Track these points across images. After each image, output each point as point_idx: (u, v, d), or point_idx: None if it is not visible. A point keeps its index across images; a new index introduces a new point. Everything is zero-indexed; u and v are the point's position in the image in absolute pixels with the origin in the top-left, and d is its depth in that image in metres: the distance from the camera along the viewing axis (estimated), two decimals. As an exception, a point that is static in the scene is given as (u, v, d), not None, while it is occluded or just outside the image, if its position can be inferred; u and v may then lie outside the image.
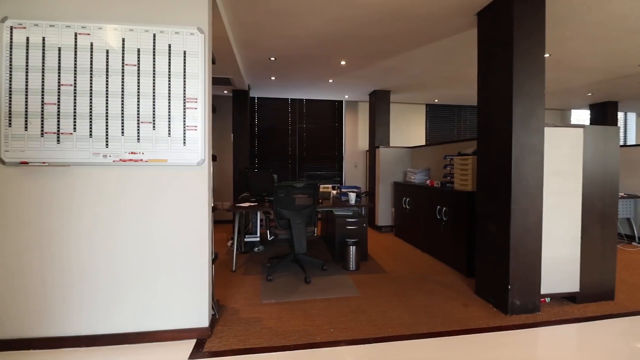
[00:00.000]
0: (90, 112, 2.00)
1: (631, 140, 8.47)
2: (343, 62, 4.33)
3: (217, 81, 4.77)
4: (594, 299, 2.62)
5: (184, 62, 2.10)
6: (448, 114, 7.37)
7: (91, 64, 2.00)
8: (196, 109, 2.11)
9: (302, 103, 6.67)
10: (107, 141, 2.02)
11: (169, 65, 2.08)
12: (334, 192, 4.42)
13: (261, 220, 4.28)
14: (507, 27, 2.49)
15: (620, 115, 8.26)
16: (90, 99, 2.00)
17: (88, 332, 2.02)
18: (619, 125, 7.94)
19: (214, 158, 2.40)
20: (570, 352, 1.99)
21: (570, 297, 2.63)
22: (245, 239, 4.08)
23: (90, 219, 2.02)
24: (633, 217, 4.61)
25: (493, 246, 2.58)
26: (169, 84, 2.09)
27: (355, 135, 6.83)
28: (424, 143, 7.11)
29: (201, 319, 2.12)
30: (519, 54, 2.45)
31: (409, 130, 7.11)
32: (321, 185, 4.23)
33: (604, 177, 2.66)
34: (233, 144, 5.34)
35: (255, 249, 4.13)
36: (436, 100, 6.88)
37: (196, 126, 2.11)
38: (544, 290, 2.52)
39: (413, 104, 7.11)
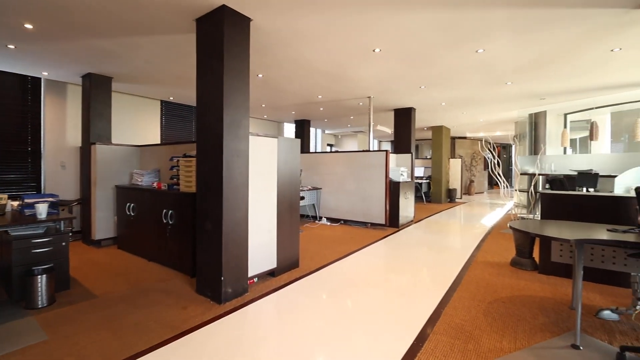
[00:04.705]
0: None
1: (319, 149, 12.00)
2: (29, 26, 3.17)
3: None
4: (286, 269, 3.42)
5: None
6: (185, 113, 7.29)
7: None
8: None
9: (-46, 69, 4.33)
10: None
11: None
12: (14, 203, 3.16)
13: None
14: (219, 42, 2.71)
15: (313, 130, 11.48)
16: None
17: None
18: (311, 137, 10.96)
19: None
20: (271, 316, 2.45)
21: (271, 273, 3.28)
22: None
23: None
24: (316, 203, 6.51)
25: (209, 243, 2.75)
26: None
27: (62, 126, 5.27)
28: (159, 142, 6.63)
29: None
30: (229, 70, 2.73)
31: (141, 126, 6.38)
32: (-15, 196, 2.89)
33: (291, 176, 3.52)
34: None
35: None
36: (171, 98, 6.60)
37: None
38: (252, 272, 2.99)
39: (146, 98, 6.45)
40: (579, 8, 2.76)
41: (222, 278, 2.63)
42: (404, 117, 7.52)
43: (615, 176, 4.20)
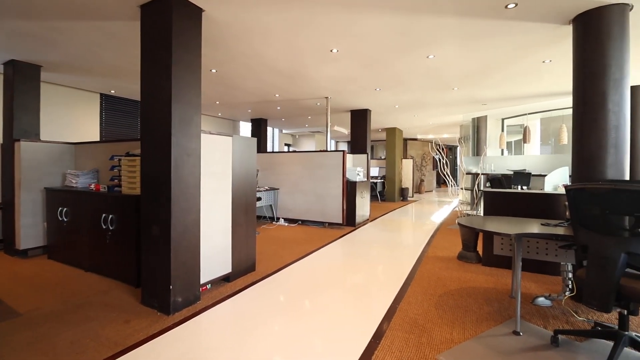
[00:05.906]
0: None
1: (276, 148, 11.83)
2: None
3: None
4: (242, 274, 3.29)
5: None
6: (129, 109, 6.73)
7: None
8: None
9: None
10: None
11: None
12: None
13: None
14: (167, 32, 2.50)
15: (270, 129, 11.29)
16: None
17: None
18: (268, 137, 10.77)
19: None
20: (226, 325, 2.32)
21: (226, 278, 3.13)
22: None
23: None
24: (274, 203, 6.39)
25: (156, 249, 2.54)
26: None
27: (-23, 120, 4.56)
28: (98, 139, 6.05)
29: None
30: (178, 62, 2.53)
31: (77, 122, 5.77)
32: None
33: (247, 176, 3.39)
34: None
35: None
36: (112, 92, 6.05)
37: None
38: (205, 279, 2.82)
39: (83, 91, 5.84)
40: (517, 21, 3.02)
41: (171, 286, 2.43)
42: (360, 118, 7.69)
43: (545, 175, 4.68)
